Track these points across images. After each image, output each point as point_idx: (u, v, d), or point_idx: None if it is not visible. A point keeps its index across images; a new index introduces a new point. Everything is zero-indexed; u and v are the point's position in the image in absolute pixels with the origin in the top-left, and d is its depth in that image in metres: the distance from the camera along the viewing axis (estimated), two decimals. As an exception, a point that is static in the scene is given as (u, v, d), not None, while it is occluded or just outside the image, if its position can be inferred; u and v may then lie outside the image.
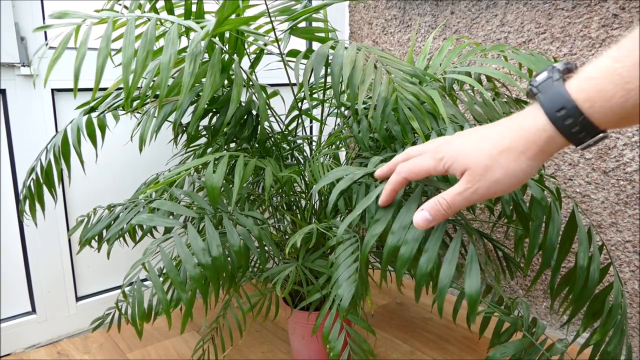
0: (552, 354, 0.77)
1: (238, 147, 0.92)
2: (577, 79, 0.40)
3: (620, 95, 0.37)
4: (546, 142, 0.42)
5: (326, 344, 0.72)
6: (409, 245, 0.50)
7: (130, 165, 1.29)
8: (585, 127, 0.39)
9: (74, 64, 0.62)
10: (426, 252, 0.50)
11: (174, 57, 0.65)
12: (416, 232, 0.51)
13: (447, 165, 0.48)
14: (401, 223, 0.51)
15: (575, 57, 1.11)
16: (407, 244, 0.50)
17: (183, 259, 0.66)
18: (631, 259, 1.08)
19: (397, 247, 0.50)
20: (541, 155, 0.43)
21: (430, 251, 0.50)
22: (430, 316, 1.32)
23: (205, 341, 0.97)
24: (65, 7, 1.15)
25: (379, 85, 0.73)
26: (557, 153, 1.16)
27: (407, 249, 0.50)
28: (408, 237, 0.50)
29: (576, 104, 0.39)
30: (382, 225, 0.52)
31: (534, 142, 0.42)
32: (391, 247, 0.51)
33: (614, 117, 0.38)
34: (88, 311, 1.26)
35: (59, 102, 1.16)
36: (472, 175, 0.46)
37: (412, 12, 1.45)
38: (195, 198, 0.78)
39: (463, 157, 0.46)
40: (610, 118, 0.38)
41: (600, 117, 0.39)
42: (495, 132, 0.45)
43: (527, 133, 0.42)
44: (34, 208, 0.96)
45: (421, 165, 0.50)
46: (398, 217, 0.52)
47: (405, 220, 0.52)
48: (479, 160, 0.45)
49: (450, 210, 0.48)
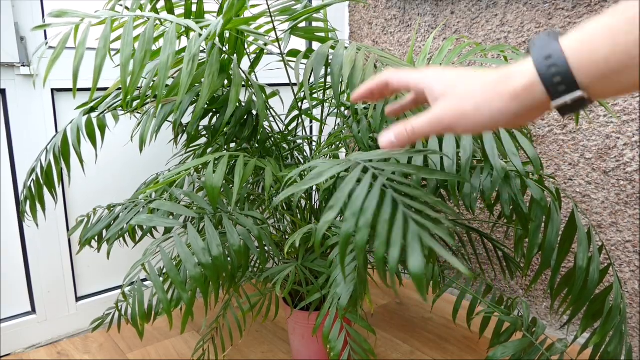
0: (552, 354, 0.77)
1: (238, 147, 0.92)
2: (571, 34, 0.40)
3: (608, 49, 0.37)
4: (524, 88, 0.41)
5: (326, 343, 0.72)
6: (362, 231, 0.50)
7: (130, 165, 1.29)
8: (566, 79, 0.39)
9: (73, 64, 0.62)
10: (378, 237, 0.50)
11: (172, 57, 0.65)
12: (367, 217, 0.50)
13: (426, 81, 0.48)
14: (352, 209, 0.51)
15: (575, 57, 1.11)
16: (361, 230, 0.50)
17: (183, 258, 0.66)
18: (631, 259, 1.08)
19: (351, 234, 0.51)
20: (514, 102, 0.42)
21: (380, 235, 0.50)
22: (430, 316, 1.32)
23: (205, 341, 0.97)
24: (65, 7, 1.15)
25: (379, 86, 0.73)
26: (557, 153, 1.16)
27: (361, 236, 0.50)
28: (360, 223, 0.50)
29: (564, 54, 0.39)
30: (335, 212, 0.52)
31: (512, 85, 0.42)
32: (345, 234, 0.51)
33: (598, 72, 0.38)
34: (88, 311, 1.26)
35: (58, 102, 1.16)
36: (444, 102, 0.46)
37: (412, 12, 1.45)
38: (195, 198, 0.78)
39: (444, 81, 0.46)
40: (593, 73, 0.38)
41: (583, 71, 0.38)
42: (481, 71, 0.45)
43: (510, 76, 0.42)
44: (34, 208, 0.96)
45: (405, 73, 0.50)
46: (350, 203, 0.52)
47: (355, 206, 0.52)
48: (457, 88, 0.45)
49: (414, 135, 0.48)
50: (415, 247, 0.48)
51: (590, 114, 1.10)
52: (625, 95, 1.03)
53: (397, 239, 0.49)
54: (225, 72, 0.86)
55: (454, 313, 0.93)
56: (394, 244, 0.49)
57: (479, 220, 0.93)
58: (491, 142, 0.71)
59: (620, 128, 1.05)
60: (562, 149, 1.16)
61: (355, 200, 0.52)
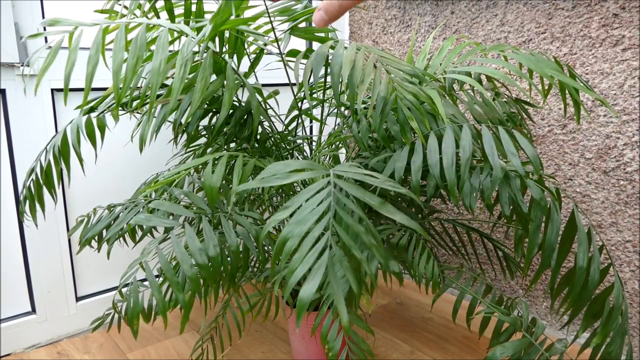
0: (552, 354, 0.76)
1: (238, 147, 0.92)
2: None
3: None
4: None
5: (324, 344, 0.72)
6: (294, 239, 0.51)
7: (130, 165, 1.29)
8: None
9: (65, 70, 0.62)
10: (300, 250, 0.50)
11: (164, 62, 0.65)
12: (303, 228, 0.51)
13: None
14: (298, 216, 0.52)
15: (575, 57, 1.11)
16: (292, 238, 0.51)
17: (180, 259, 0.66)
18: (631, 259, 1.07)
19: (287, 239, 0.51)
20: None
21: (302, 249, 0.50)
22: (430, 316, 1.32)
23: (204, 341, 0.97)
24: (65, 7, 1.15)
25: (379, 85, 0.73)
26: (557, 153, 1.16)
27: (291, 243, 0.51)
28: (295, 231, 0.51)
29: None
30: (287, 213, 0.53)
31: None
32: (282, 237, 0.52)
33: None
34: (88, 311, 1.26)
35: (58, 102, 1.16)
36: None
37: (412, 12, 1.44)
38: (194, 198, 0.77)
39: None
40: None
41: None
42: None
43: None
44: (34, 208, 0.96)
45: None
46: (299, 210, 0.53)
47: (302, 214, 0.52)
48: None
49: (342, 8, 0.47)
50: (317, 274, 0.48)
51: (591, 114, 1.10)
52: (625, 95, 1.03)
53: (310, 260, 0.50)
54: (223, 73, 0.86)
55: (454, 313, 0.92)
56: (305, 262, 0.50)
57: (479, 220, 0.93)
58: (490, 142, 0.71)
59: (620, 128, 1.05)
60: (562, 149, 1.15)
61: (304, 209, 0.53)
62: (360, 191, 0.56)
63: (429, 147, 0.73)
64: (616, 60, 1.04)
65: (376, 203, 0.55)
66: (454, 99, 0.92)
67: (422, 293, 1.47)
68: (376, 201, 0.55)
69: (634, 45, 1.01)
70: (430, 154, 0.73)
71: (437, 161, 0.72)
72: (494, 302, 0.93)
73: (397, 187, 0.59)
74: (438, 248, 1.48)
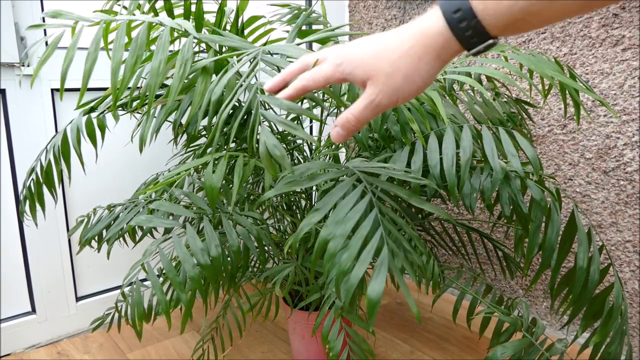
0: (552, 354, 0.76)
1: (238, 147, 0.92)
2: None
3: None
4: (442, 47, 0.42)
5: (325, 344, 0.72)
6: (337, 240, 0.50)
7: (130, 165, 1.29)
8: (477, 32, 0.40)
9: (62, 66, 0.62)
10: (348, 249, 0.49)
11: (164, 63, 0.64)
12: (346, 227, 0.51)
13: (346, 72, 0.47)
14: (335, 217, 0.52)
15: (575, 57, 1.11)
16: (335, 239, 0.50)
17: (182, 259, 0.66)
18: (631, 259, 1.08)
19: (327, 240, 0.51)
20: (438, 62, 0.43)
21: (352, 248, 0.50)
22: (430, 316, 1.32)
23: (205, 341, 0.97)
24: (65, 7, 1.15)
25: (379, 86, 0.73)
26: (557, 153, 1.16)
27: (334, 244, 0.50)
28: (337, 231, 0.51)
29: (471, 5, 0.39)
30: (320, 215, 0.52)
31: (431, 46, 0.42)
32: (322, 239, 0.51)
33: (503, 21, 0.39)
34: (88, 311, 1.26)
35: (58, 102, 1.16)
36: (374, 85, 0.45)
37: (412, 12, 1.44)
38: (194, 198, 0.77)
39: (363, 65, 0.46)
40: (500, 22, 0.39)
41: (491, 22, 0.39)
42: (396, 38, 0.44)
43: (425, 37, 0.42)
44: (34, 208, 0.96)
45: (320, 73, 0.49)
46: (335, 211, 0.52)
47: (339, 214, 0.52)
48: (380, 68, 0.45)
49: (359, 123, 0.48)
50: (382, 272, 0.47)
51: (591, 114, 1.10)
52: (625, 95, 1.03)
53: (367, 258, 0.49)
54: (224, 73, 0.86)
55: (454, 313, 0.93)
56: (362, 261, 0.49)
57: (479, 220, 0.93)
58: (490, 143, 0.71)
59: (620, 128, 1.05)
60: (562, 149, 1.16)
61: (341, 208, 0.52)
62: (389, 185, 0.56)
63: (429, 148, 0.74)
64: (616, 60, 1.04)
65: (406, 195, 0.55)
66: (454, 99, 0.92)
67: (422, 293, 1.47)
68: (405, 193, 0.56)
69: (634, 45, 1.01)
70: (430, 154, 0.73)
71: (437, 161, 0.72)
72: (494, 302, 0.93)
73: (418, 178, 0.59)
74: (438, 248, 1.48)
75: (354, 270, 0.48)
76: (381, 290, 0.46)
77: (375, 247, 0.49)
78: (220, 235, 0.75)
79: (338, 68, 0.47)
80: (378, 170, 0.61)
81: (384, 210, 0.53)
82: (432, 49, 0.42)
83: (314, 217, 0.52)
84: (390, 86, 0.45)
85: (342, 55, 0.47)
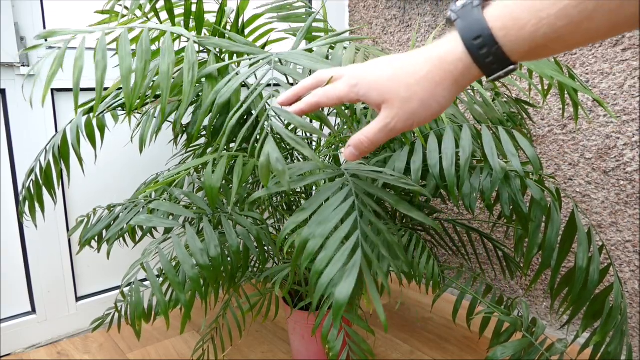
0: (552, 354, 0.76)
1: (238, 147, 0.92)
2: (495, 6, 0.39)
3: (533, 24, 0.37)
4: (462, 73, 0.42)
5: (325, 344, 0.72)
6: (316, 240, 0.51)
7: (130, 165, 1.29)
8: (498, 58, 0.39)
9: (73, 79, 0.63)
10: (325, 249, 0.50)
11: (172, 65, 0.65)
12: (326, 228, 0.51)
13: (360, 93, 0.47)
14: (318, 217, 0.52)
15: (575, 57, 1.11)
16: (314, 239, 0.50)
17: (181, 259, 0.66)
18: (631, 259, 1.08)
19: (308, 239, 0.51)
20: (455, 87, 0.43)
21: (328, 249, 0.50)
22: (430, 316, 1.32)
23: (205, 341, 0.97)
24: (65, 7, 1.15)
25: (378, 86, 0.73)
26: (557, 153, 1.16)
27: (313, 243, 0.50)
28: (317, 232, 0.51)
29: (492, 32, 0.38)
30: (306, 215, 0.52)
31: (450, 72, 0.42)
32: (303, 238, 0.51)
33: (525, 47, 0.38)
34: (88, 311, 1.26)
35: (58, 102, 1.16)
36: (390, 109, 0.45)
37: (412, 12, 1.44)
38: (194, 198, 0.78)
39: (379, 87, 0.45)
40: (522, 49, 0.38)
41: (512, 48, 0.38)
42: (413, 62, 0.44)
43: (444, 62, 0.42)
44: (33, 209, 0.96)
45: (334, 91, 0.49)
46: (319, 211, 0.52)
47: (322, 215, 0.52)
48: (397, 92, 0.44)
49: (373, 145, 0.48)
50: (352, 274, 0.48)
51: (591, 114, 1.10)
52: (625, 95, 1.03)
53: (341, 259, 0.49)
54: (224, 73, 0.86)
55: (454, 313, 0.93)
56: (335, 262, 0.49)
57: (479, 220, 0.93)
58: (490, 143, 0.71)
59: (620, 128, 1.05)
60: (562, 149, 1.16)
61: (324, 209, 0.52)
62: (376, 189, 0.56)
63: (429, 147, 0.74)
64: (616, 60, 1.04)
65: (393, 201, 0.55)
66: (454, 99, 0.92)
67: (422, 293, 1.47)
68: (393, 199, 0.56)
69: (634, 45, 1.01)
70: (430, 154, 0.73)
71: (437, 161, 0.72)
72: (494, 302, 0.93)
73: (410, 184, 0.59)
74: (438, 248, 1.48)
75: (326, 270, 0.48)
76: (349, 293, 0.46)
77: (350, 249, 0.49)
78: (220, 235, 0.75)
79: (353, 89, 0.47)
80: (372, 175, 0.61)
81: (365, 213, 0.53)
82: (451, 74, 0.42)
83: (300, 216, 0.52)
84: (406, 111, 0.44)
85: (358, 77, 0.47)
